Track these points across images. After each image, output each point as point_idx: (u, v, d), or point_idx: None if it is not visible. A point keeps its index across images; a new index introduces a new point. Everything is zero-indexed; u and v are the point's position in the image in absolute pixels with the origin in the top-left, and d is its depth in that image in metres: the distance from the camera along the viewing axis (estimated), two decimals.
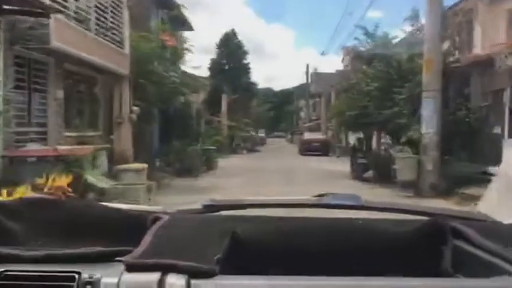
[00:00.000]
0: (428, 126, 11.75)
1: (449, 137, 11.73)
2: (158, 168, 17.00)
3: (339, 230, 1.26)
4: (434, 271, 1.15)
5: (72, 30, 9.04)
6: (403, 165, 11.87)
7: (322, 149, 32.05)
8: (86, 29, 9.72)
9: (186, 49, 15.35)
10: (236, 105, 37.74)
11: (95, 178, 6.43)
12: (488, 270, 1.00)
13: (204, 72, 40.31)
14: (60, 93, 9.45)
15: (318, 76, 53.23)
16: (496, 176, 6.86)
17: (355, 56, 15.19)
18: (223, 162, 23.43)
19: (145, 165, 9.74)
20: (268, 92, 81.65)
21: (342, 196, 1.49)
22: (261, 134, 53.57)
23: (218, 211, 1.48)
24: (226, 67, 40.02)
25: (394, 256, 1.19)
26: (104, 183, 6.54)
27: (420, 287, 0.90)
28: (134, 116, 11.81)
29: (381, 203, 1.53)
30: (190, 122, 20.43)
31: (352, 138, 29.19)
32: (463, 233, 1.17)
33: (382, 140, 16.43)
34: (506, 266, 0.98)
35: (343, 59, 47.50)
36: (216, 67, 40.02)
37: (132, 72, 12.16)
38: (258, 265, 1.06)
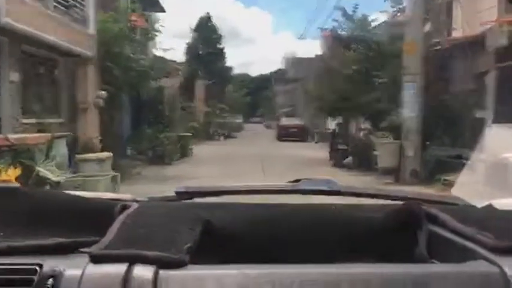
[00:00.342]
0: (410, 111, 11.34)
1: (431, 122, 11.35)
2: (130, 156, 16.29)
3: (314, 216, 1.25)
4: (410, 257, 1.14)
5: (27, 7, 8.23)
6: (384, 152, 11.46)
7: (300, 135, 31.65)
8: (43, 6, 8.90)
9: (157, 30, 14.52)
10: (212, 91, 36.97)
11: (49, 170, 5.76)
12: (463, 255, 0.99)
13: (180, 57, 39.54)
14: (16, 76, 8.64)
15: (295, 61, 52.70)
16: (471, 161, 6.61)
17: (334, 39, 14.57)
18: (199, 149, 22.78)
19: (109, 154, 9.04)
20: (245, 77, 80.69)
21: (318, 181, 1.47)
22: (238, 119, 52.85)
23: (191, 198, 1.43)
24: (201, 52, 39.07)
25: (369, 242, 1.18)
26: (59, 175, 5.88)
27: (395, 274, 0.88)
28: (100, 101, 11.06)
29: (356, 188, 1.52)
30: (163, 108, 19.63)
31: (331, 124, 28.88)
32: (438, 218, 1.16)
33: (362, 126, 15.97)
34: (480, 250, 0.97)
35: (322, 43, 47.39)
36: (191, 52, 39.06)
37: (98, 55, 11.38)
38: (231, 254, 1.06)
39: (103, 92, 11.09)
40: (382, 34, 13.84)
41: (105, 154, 8.91)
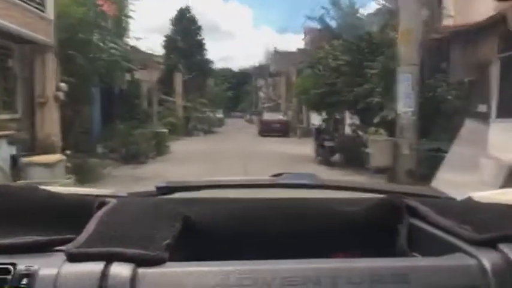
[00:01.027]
0: (405, 105, 10.34)
1: (428, 117, 10.38)
2: (100, 155, 15.04)
3: (295, 211, 1.25)
4: (391, 250, 1.15)
5: None
6: (377, 149, 10.48)
7: (283, 130, 30.63)
8: None
9: (128, 16, 13.27)
10: (192, 85, 35.68)
11: None
12: (443, 248, 0.99)
13: (159, 50, 38.08)
14: None
15: (278, 55, 51.66)
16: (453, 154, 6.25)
17: (321, 28, 13.51)
18: (177, 146, 21.57)
19: (60, 157, 7.83)
20: (227, 72, 79.44)
21: (298, 175, 1.48)
22: (219, 114, 51.71)
23: (172, 193, 1.41)
24: (181, 44, 37.64)
25: (350, 236, 1.19)
26: None
27: (376, 268, 0.87)
28: (61, 95, 9.81)
29: (336, 181, 1.53)
30: (138, 102, 18.35)
31: (315, 119, 27.96)
32: (418, 211, 1.16)
33: (350, 121, 14.98)
34: (459, 243, 0.97)
35: (304, 36, 46.40)
36: (170, 44, 37.57)
37: (59, 42, 10.11)
38: (211, 250, 1.07)
39: (63, 84, 9.85)
40: (373, 22, 12.84)
41: (56, 157, 7.70)
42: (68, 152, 9.64)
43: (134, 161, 14.83)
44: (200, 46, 39.41)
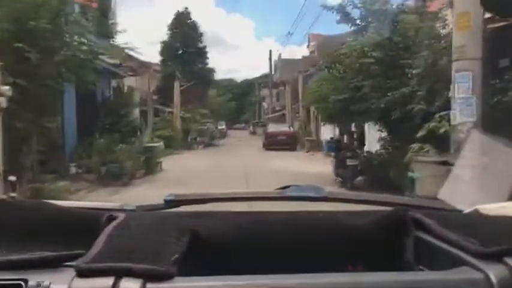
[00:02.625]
0: (464, 114, 7.72)
1: (494, 129, 7.73)
2: (74, 176, 12.48)
3: (302, 224, 1.26)
4: (397, 263, 1.15)
5: None
6: (426, 173, 7.84)
7: (289, 143, 27.97)
8: None
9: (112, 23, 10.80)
10: (191, 94, 33.21)
11: None
12: (450, 261, 0.99)
13: (155, 58, 35.74)
14: None
15: (282, 63, 49.29)
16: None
17: (343, 18, 10.94)
18: (172, 162, 19.01)
19: None
20: (230, 83, 77.56)
21: (304, 188, 1.48)
22: (221, 126, 49.17)
23: (179, 206, 1.42)
24: (180, 51, 35.29)
25: (356, 249, 1.19)
26: None
27: (382, 282, 0.88)
28: (2, 101, 7.27)
29: (342, 194, 1.60)
30: (125, 112, 15.81)
31: (326, 131, 25.30)
32: (424, 224, 1.16)
33: (375, 134, 12.33)
34: (466, 257, 0.97)
35: (308, 44, 43.97)
36: (168, 51, 35.29)
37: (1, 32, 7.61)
38: (219, 264, 1.08)
39: (5, 87, 7.29)
40: (410, 10, 10.31)
41: None
42: (13, 178, 6.98)
43: (115, 183, 12.29)
44: (202, 54, 37.07)
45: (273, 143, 27.56)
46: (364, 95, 10.39)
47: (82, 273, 0.85)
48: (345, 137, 12.71)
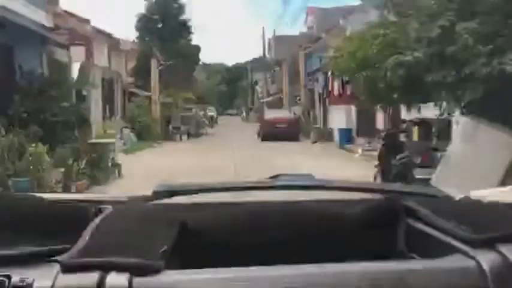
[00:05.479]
0: None
1: None
2: None
3: (293, 213, 1.26)
4: (390, 252, 1.16)
5: None
6: None
7: (292, 133, 22.97)
8: None
9: None
10: (174, 76, 28.13)
11: None
12: (442, 249, 0.99)
13: (131, 34, 30.58)
14: None
15: (277, 40, 44.18)
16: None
17: None
18: (140, 161, 14.19)
19: None
20: (221, 67, 72.45)
21: (296, 177, 1.46)
22: (211, 112, 44.19)
23: (170, 197, 1.36)
24: (159, 25, 30.07)
25: (348, 238, 1.20)
26: None
27: (374, 272, 0.88)
28: None
29: (334, 182, 1.51)
30: (62, 94, 10.76)
31: (337, 118, 20.33)
32: (416, 212, 1.16)
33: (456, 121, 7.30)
34: (458, 244, 0.97)
35: (306, 19, 39.09)
36: (145, 25, 30.05)
37: None
38: (208, 256, 1.07)
39: None
40: None
41: None
42: None
43: None
44: (184, 28, 31.80)
45: (271, 133, 22.55)
46: (458, 50, 5.46)
47: (67, 269, 0.83)
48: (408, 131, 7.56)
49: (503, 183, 4.98)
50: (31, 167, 7.81)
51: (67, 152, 9.38)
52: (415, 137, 7.23)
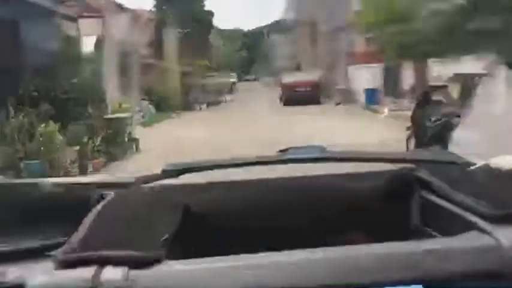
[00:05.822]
0: None
1: None
2: None
3: (304, 191, 1.24)
4: (404, 227, 1.13)
5: None
6: None
7: (313, 96, 22.19)
8: None
9: None
10: (190, 44, 27.44)
11: None
12: (459, 224, 0.93)
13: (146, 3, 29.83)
14: None
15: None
16: None
17: None
18: (158, 134, 13.87)
19: None
20: (236, 33, 71.00)
21: (305, 149, 1.35)
22: (232, 79, 43.51)
23: (179, 175, 1.30)
24: None
25: (361, 214, 1.18)
26: None
27: (384, 254, 0.84)
28: None
29: (346, 152, 1.50)
30: (73, 70, 10.34)
31: (361, 78, 19.41)
32: (431, 184, 1.12)
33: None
34: (476, 220, 0.90)
35: None
36: None
37: None
38: (215, 242, 1.04)
39: None
40: None
41: None
42: None
43: None
44: None
45: (292, 97, 21.84)
46: None
47: (61, 264, 0.81)
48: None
49: None
50: (42, 148, 7.43)
51: (81, 130, 9.00)
52: (455, 95, 6.54)
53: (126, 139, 10.89)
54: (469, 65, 6.79)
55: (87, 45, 13.31)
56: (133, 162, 9.78)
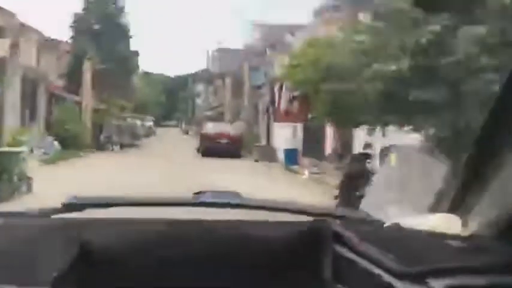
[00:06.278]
0: None
1: None
2: None
3: (214, 235, 1.16)
4: (315, 281, 1.11)
5: None
6: None
7: (233, 149, 21.59)
8: None
9: None
10: (110, 82, 26.09)
11: None
12: (370, 280, 0.94)
13: (65, 34, 28.28)
14: None
15: (222, 53, 43.01)
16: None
17: None
18: (58, 174, 12.33)
19: None
20: (162, 78, 70.72)
21: (221, 193, 1.35)
22: (149, 122, 42.24)
23: (81, 210, 1.23)
24: (96, 26, 27.96)
25: (273, 263, 1.14)
26: None
27: None
28: None
29: (261, 201, 1.44)
30: None
31: (282, 136, 19.18)
32: (344, 237, 1.10)
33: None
34: (388, 277, 0.90)
35: (251, 34, 38.37)
36: (81, 26, 27.82)
37: None
38: (111, 284, 0.99)
39: None
40: None
41: None
42: None
43: None
44: (123, 32, 29.79)
45: (213, 149, 21.06)
46: (457, 62, 4.37)
47: None
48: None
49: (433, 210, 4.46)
50: None
51: None
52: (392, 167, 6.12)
53: (16, 178, 9.38)
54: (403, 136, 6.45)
55: None
56: (19, 206, 8.32)
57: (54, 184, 10.01)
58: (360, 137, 10.03)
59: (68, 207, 1.21)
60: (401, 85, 4.78)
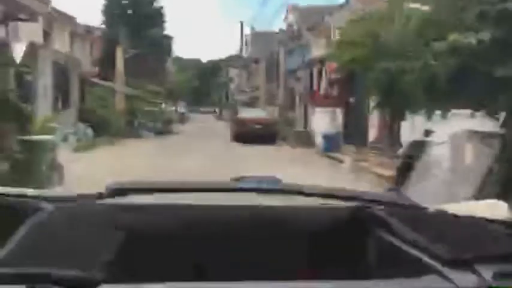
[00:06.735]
0: None
1: None
2: None
3: (255, 221, 1.16)
4: (358, 264, 1.09)
5: None
6: None
7: (268, 136, 20.85)
8: None
9: None
10: (143, 67, 25.77)
11: None
12: (416, 267, 0.92)
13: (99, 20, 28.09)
14: None
15: (255, 37, 42.13)
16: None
17: None
18: (90, 162, 11.95)
19: None
20: (196, 63, 70.69)
21: (261, 179, 1.30)
22: (182, 109, 41.92)
23: (123, 195, 1.25)
24: (129, 11, 27.60)
25: (315, 250, 1.13)
26: None
27: None
28: None
29: (300, 186, 1.35)
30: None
31: (321, 121, 18.31)
32: (388, 224, 1.09)
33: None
34: (433, 263, 0.90)
35: (286, 16, 37.36)
36: (112, 11, 27.54)
37: None
38: (156, 266, 0.98)
39: None
40: None
41: None
42: None
43: None
44: (158, 16, 29.35)
45: (247, 135, 20.41)
46: None
47: None
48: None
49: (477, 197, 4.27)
50: None
51: None
52: (468, 157, 5.25)
53: (44, 167, 8.97)
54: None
55: (17, 51, 11.42)
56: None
57: (85, 174, 9.63)
58: (406, 124, 9.18)
59: (112, 192, 1.20)
60: (481, 61, 3.93)
